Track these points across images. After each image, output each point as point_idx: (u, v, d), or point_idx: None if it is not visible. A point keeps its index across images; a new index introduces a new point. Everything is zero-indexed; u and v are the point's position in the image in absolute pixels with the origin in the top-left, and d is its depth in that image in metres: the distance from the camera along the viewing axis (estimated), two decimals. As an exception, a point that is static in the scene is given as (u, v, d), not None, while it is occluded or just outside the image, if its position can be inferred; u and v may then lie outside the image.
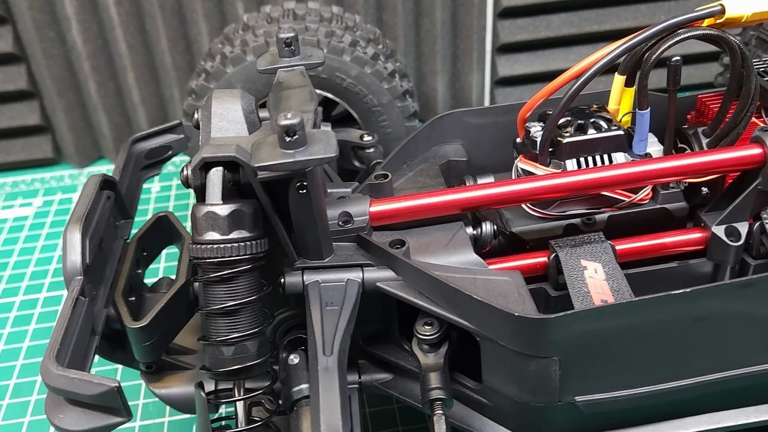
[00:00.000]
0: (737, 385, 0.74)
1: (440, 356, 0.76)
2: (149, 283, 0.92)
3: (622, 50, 0.83)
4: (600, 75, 0.84)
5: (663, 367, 0.72)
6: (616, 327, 0.68)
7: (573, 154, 0.89)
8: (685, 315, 0.68)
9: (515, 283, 0.77)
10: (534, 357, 0.69)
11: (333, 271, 0.77)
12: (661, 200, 0.91)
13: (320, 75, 1.11)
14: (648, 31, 0.83)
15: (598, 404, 0.72)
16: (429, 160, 0.98)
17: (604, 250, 0.85)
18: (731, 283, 0.68)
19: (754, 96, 0.87)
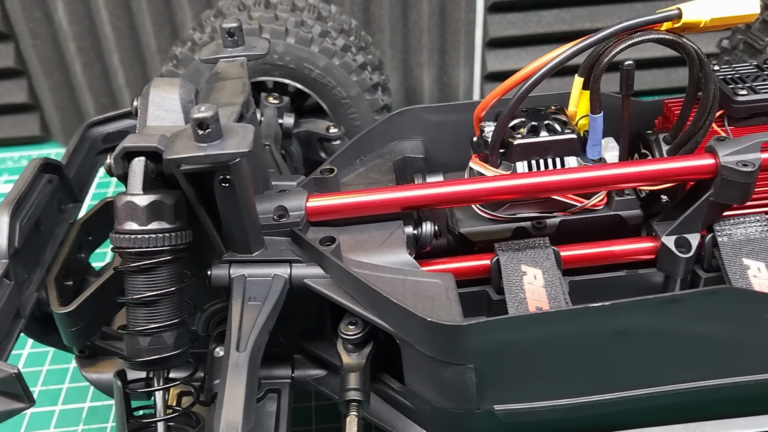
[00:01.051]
0: (663, 402, 0.72)
1: (363, 357, 0.75)
2: (99, 267, 0.93)
3: (572, 52, 0.81)
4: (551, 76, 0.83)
5: (585, 380, 0.70)
6: (534, 337, 0.67)
7: (524, 156, 0.87)
8: (606, 328, 0.67)
9: (445, 286, 0.75)
10: (449, 363, 0.68)
11: (260, 266, 0.76)
12: (615, 207, 0.89)
13: (288, 65, 1.10)
14: (602, 32, 0.81)
15: (517, 414, 0.71)
16: (384, 156, 0.97)
17: (547, 256, 0.83)
18: (653, 299, 0.66)
19: (713, 104, 0.84)
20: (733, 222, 0.85)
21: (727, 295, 0.66)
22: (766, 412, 0.74)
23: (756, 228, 0.84)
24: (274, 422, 0.80)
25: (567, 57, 0.81)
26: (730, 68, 0.94)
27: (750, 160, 0.79)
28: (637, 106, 1.00)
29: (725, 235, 0.84)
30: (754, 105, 0.88)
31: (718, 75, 0.93)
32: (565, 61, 0.81)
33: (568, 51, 0.81)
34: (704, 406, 0.73)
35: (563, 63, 0.82)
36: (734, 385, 0.71)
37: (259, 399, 0.82)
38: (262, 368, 0.84)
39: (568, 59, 0.81)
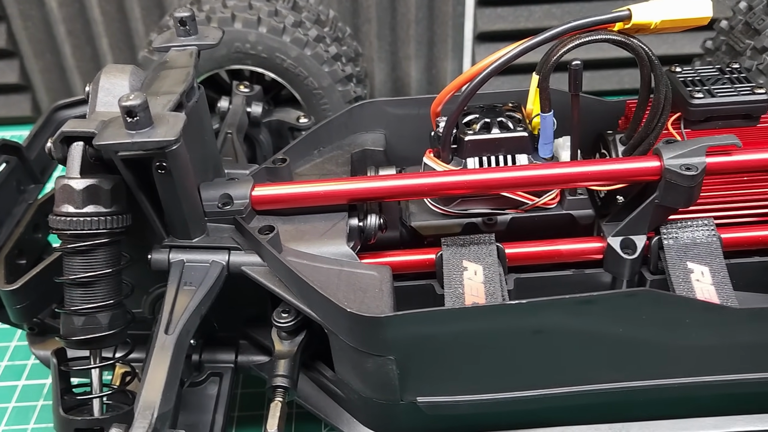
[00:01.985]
0: (587, 402, 0.73)
1: (294, 344, 0.76)
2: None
3: (520, 51, 0.81)
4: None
5: (506, 376, 0.71)
6: (452, 332, 0.68)
7: (475, 152, 0.88)
8: (523, 326, 0.67)
9: (380, 278, 0.76)
10: (370, 354, 0.69)
11: (199, 252, 0.77)
12: (567, 206, 0.90)
13: (260, 54, 1.11)
14: (551, 31, 0.81)
15: (440, 407, 0.72)
16: (343, 148, 0.97)
17: (489, 253, 0.84)
18: (570, 298, 0.66)
19: (665, 106, 0.84)
20: (680, 225, 0.85)
21: (646, 298, 0.66)
22: (690, 415, 0.74)
23: (702, 232, 0.84)
24: (214, 405, 0.82)
25: (514, 56, 0.81)
26: (692, 70, 0.93)
27: (694, 164, 0.79)
28: (601, 105, 1.00)
29: (671, 238, 0.84)
30: (710, 108, 0.87)
31: (678, 77, 0.92)
32: (511, 60, 0.82)
33: (515, 50, 0.81)
34: (629, 408, 0.74)
35: (510, 61, 0.82)
36: (658, 387, 0.71)
37: (201, 382, 0.84)
38: (207, 352, 0.86)
39: (515, 58, 0.81)
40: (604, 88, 1.54)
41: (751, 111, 0.88)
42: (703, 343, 0.69)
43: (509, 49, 0.82)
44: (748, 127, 0.89)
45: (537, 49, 0.82)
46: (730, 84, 0.90)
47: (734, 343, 0.69)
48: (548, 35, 0.81)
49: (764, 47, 1.14)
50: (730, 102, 0.87)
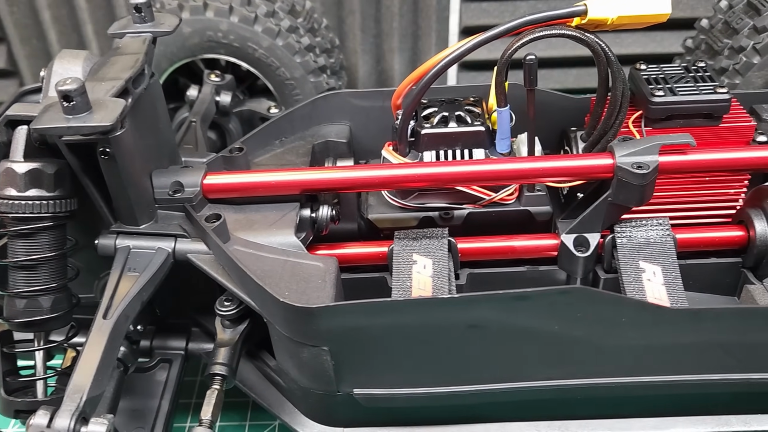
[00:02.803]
0: (525, 398, 0.72)
1: (237, 333, 0.76)
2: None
3: (473, 44, 0.81)
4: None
5: (442, 370, 0.71)
6: (386, 324, 0.67)
7: (431, 146, 0.87)
8: (457, 321, 0.67)
9: (325, 269, 0.76)
10: (305, 345, 0.69)
11: (146, 239, 0.78)
12: (524, 202, 0.89)
13: (232, 43, 1.11)
14: (504, 26, 0.80)
15: (377, 399, 0.72)
16: (306, 139, 0.97)
17: (441, 247, 0.83)
18: (503, 294, 0.66)
19: (623, 103, 0.83)
20: (634, 224, 0.84)
21: (580, 296, 0.65)
22: (631, 415, 0.74)
23: (656, 231, 0.83)
24: (161, 391, 0.83)
25: (467, 50, 0.81)
26: (657, 68, 0.93)
27: (646, 162, 0.79)
28: (568, 102, 1.00)
29: (625, 237, 0.83)
30: (670, 107, 0.86)
31: (642, 74, 0.91)
32: (465, 54, 0.81)
33: (468, 44, 0.81)
34: (568, 405, 0.73)
35: (463, 56, 0.81)
36: (595, 386, 0.71)
37: (150, 368, 0.85)
38: (158, 338, 0.87)
39: (469, 52, 0.81)
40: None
41: (712, 110, 0.87)
42: (639, 343, 0.68)
43: (462, 43, 0.81)
44: (710, 126, 0.88)
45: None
46: (693, 83, 0.89)
47: (671, 344, 0.68)
48: (503, 29, 0.80)
49: (741, 47, 1.12)
50: (691, 101, 0.87)
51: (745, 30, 1.13)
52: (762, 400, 0.72)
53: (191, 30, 1.10)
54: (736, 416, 0.73)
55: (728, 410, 0.73)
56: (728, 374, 0.70)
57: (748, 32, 1.12)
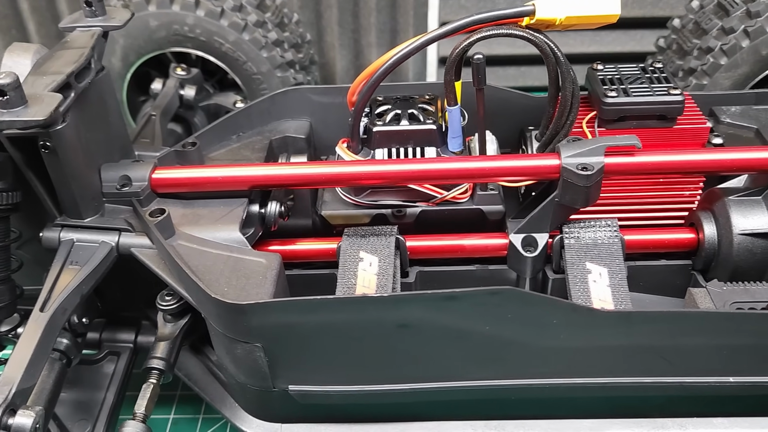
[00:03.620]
0: (461, 398, 0.72)
1: (177, 328, 0.77)
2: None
3: (421, 43, 0.81)
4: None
5: (375, 369, 0.71)
6: (318, 322, 0.68)
7: (383, 143, 0.87)
8: (387, 320, 0.67)
9: (267, 265, 0.76)
10: (238, 341, 0.69)
11: (90, 232, 0.78)
12: (477, 201, 0.89)
13: (199, 37, 1.11)
14: (451, 25, 0.80)
15: (311, 396, 0.72)
16: (264, 134, 0.98)
17: (388, 244, 0.83)
18: (432, 294, 0.66)
19: (573, 103, 0.83)
20: (582, 225, 0.84)
21: (509, 296, 0.65)
22: (567, 416, 0.74)
23: (605, 233, 0.83)
24: (107, 383, 0.83)
25: (415, 48, 0.81)
26: (614, 68, 0.92)
27: (591, 164, 0.78)
28: (528, 101, 0.99)
29: (573, 238, 0.83)
30: (623, 108, 0.86)
31: (598, 75, 0.91)
32: (413, 53, 0.81)
33: (416, 42, 0.81)
34: (504, 406, 0.73)
35: (411, 54, 0.82)
36: (530, 387, 0.71)
37: (98, 360, 0.85)
38: (108, 331, 0.87)
39: (416, 51, 0.81)
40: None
41: (665, 112, 0.87)
42: (571, 345, 0.68)
43: (410, 42, 0.81)
44: (664, 128, 0.88)
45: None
46: (648, 84, 0.88)
47: (603, 346, 0.68)
48: (450, 28, 0.80)
49: (709, 48, 1.12)
50: (644, 102, 0.86)
51: (713, 31, 1.12)
52: (698, 403, 0.72)
53: (158, 23, 1.10)
54: (672, 419, 0.73)
55: (664, 413, 0.73)
56: (662, 377, 0.70)
57: (717, 33, 1.11)
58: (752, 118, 0.94)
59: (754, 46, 1.08)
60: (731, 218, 0.82)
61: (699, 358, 0.69)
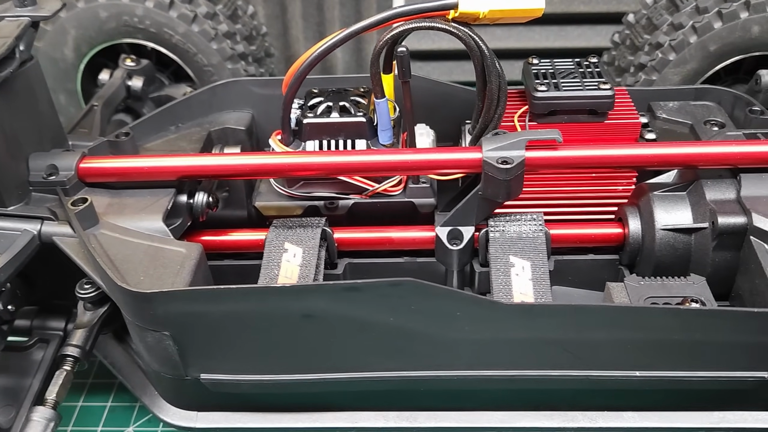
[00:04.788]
0: (368, 388, 0.73)
1: (95, 316, 0.77)
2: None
3: (343, 37, 0.82)
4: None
5: (284, 358, 0.71)
6: (224, 312, 0.68)
7: (314, 135, 0.88)
8: (291, 310, 0.67)
9: (187, 255, 0.77)
10: (147, 329, 0.70)
11: (12, 220, 0.79)
12: (408, 194, 0.89)
13: (149, 29, 1.12)
14: (374, 18, 0.81)
15: (223, 385, 0.73)
16: (203, 125, 0.98)
17: (313, 236, 0.84)
18: (334, 285, 0.67)
19: (501, 97, 0.83)
20: (508, 219, 0.84)
21: (410, 288, 0.66)
22: (478, 408, 0.74)
23: (530, 227, 0.83)
24: (35, 370, 0.84)
25: (337, 42, 0.82)
26: (549, 63, 0.92)
27: (511, 158, 0.78)
28: (468, 94, 0.99)
29: (498, 231, 0.83)
30: (553, 102, 0.86)
31: (532, 69, 0.91)
32: (335, 46, 0.82)
33: (338, 36, 0.81)
34: (415, 397, 0.74)
35: (334, 48, 0.82)
36: (437, 378, 0.71)
37: (27, 347, 0.86)
38: (39, 318, 0.88)
39: (339, 44, 0.82)
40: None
41: (595, 107, 0.87)
42: (477, 337, 0.69)
43: (334, 35, 0.82)
44: (595, 123, 0.88)
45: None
46: (580, 78, 0.88)
47: (509, 339, 0.69)
48: (372, 21, 0.81)
49: (659, 43, 1.11)
50: (573, 96, 0.86)
51: (664, 26, 1.12)
52: (607, 397, 0.72)
53: (108, 14, 1.11)
54: (583, 413, 0.73)
55: (575, 407, 0.73)
56: (568, 371, 0.70)
57: (667, 29, 1.11)
58: (688, 114, 0.94)
59: (701, 42, 1.08)
60: (654, 213, 0.82)
61: (603, 352, 0.69)
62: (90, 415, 0.95)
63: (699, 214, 0.80)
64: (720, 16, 1.07)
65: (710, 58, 1.09)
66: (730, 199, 0.79)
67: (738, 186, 0.79)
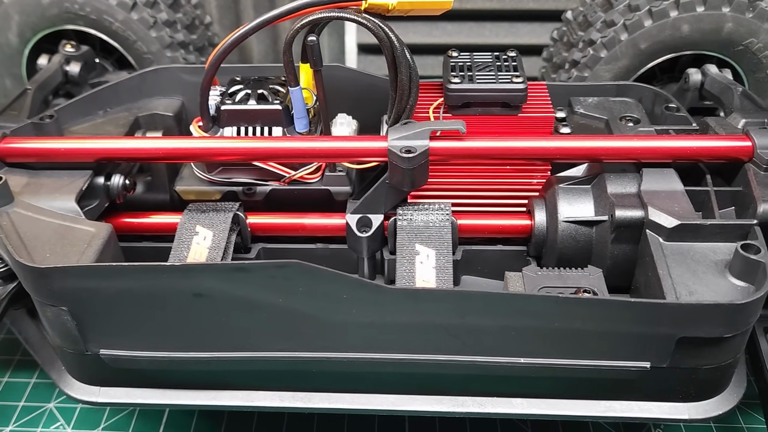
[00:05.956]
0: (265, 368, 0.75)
1: (5, 291, 0.79)
2: None
3: (253, 26, 0.83)
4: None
5: (179, 336, 0.73)
6: (119, 288, 0.70)
7: (231, 122, 0.90)
8: (182, 288, 0.69)
9: (95, 234, 0.78)
10: (45, 304, 0.72)
11: (-74, 197, 0.81)
12: (325, 182, 0.91)
13: (89, 15, 1.13)
14: (282, 8, 0.82)
15: (121, 360, 0.74)
16: (132, 110, 1.00)
17: (225, 220, 0.86)
18: (222, 265, 0.68)
19: (412, 88, 0.85)
20: (416, 207, 0.86)
21: (296, 270, 0.67)
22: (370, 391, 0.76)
23: (437, 216, 0.85)
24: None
25: (247, 32, 0.83)
26: (468, 56, 0.94)
27: (414, 147, 0.80)
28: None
29: (405, 220, 0.85)
30: (465, 94, 0.88)
31: (451, 62, 0.93)
32: (246, 36, 0.84)
33: (250, 25, 0.83)
34: (309, 378, 0.75)
35: (245, 37, 0.84)
36: (329, 360, 0.73)
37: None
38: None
39: (248, 34, 0.83)
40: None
41: (508, 99, 0.88)
42: (366, 320, 0.70)
43: (245, 25, 0.83)
44: (509, 116, 0.90)
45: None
46: (496, 72, 0.90)
47: (397, 323, 0.70)
48: (283, 10, 0.82)
49: (591, 40, 1.13)
50: (486, 89, 0.88)
51: (597, 23, 1.13)
52: (495, 383, 0.74)
53: (49, 1, 1.13)
54: (473, 398, 0.75)
55: (465, 392, 0.75)
56: (456, 356, 0.72)
57: (600, 26, 1.13)
58: (606, 110, 0.96)
59: (632, 40, 1.10)
60: (558, 206, 0.83)
61: (488, 339, 0.70)
62: (13, 391, 0.98)
63: (600, 207, 0.82)
64: (650, 15, 1.08)
65: (642, 55, 1.11)
66: (631, 193, 0.81)
67: (640, 180, 0.81)
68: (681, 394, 0.72)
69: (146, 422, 0.94)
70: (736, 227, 0.73)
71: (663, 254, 0.74)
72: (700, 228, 0.74)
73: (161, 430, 0.93)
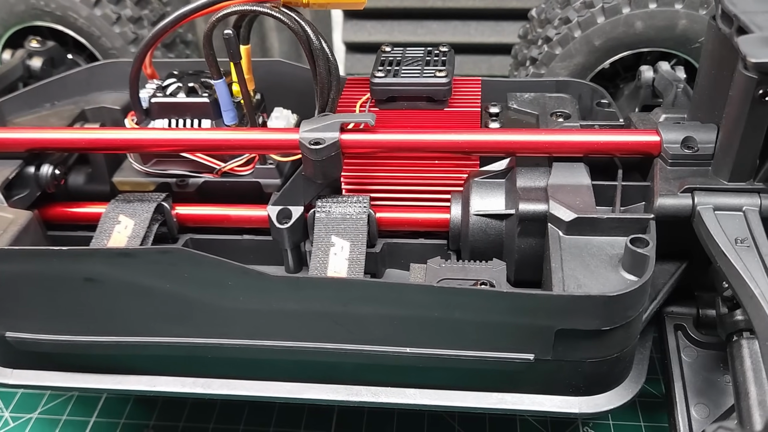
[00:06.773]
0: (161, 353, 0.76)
1: None
2: None
3: (171, 21, 0.85)
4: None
5: (78, 319, 0.75)
6: (13, 272, 0.72)
7: (161, 114, 0.92)
8: (74, 273, 0.71)
9: (13, 221, 0.81)
10: (-51, 286, 0.75)
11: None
12: (255, 174, 0.92)
13: (55, 12, 1.17)
14: (198, 2, 0.84)
15: (25, 343, 0.77)
16: (79, 104, 1.03)
17: (147, 210, 0.87)
18: (108, 250, 0.70)
19: (332, 81, 0.86)
20: (335, 200, 0.86)
21: (180, 256, 0.69)
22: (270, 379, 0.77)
23: (355, 209, 0.85)
24: None
25: (168, 24, 0.85)
26: (400, 51, 0.94)
27: (323, 139, 0.81)
28: (336, 81, 1.02)
29: (324, 212, 0.85)
30: (389, 88, 0.89)
31: (382, 56, 0.93)
32: (166, 29, 0.85)
33: (169, 19, 0.85)
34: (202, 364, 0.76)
35: (166, 31, 0.85)
36: (221, 346, 0.74)
37: None
38: None
39: (168, 27, 0.85)
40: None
41: (431, 94, 0.89)
42: (252, 307, 0.71)
43: (166, 20, 0.85)
44: (433, 110, 0.90)
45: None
46: (422, 66, 0.90)
47: (283, 310, 0.71)
48: (199, 4, 0.84)
49: (548, 37, 1.12)
50: (409, 83, 0.89)
51: (555, 21, 1.12)
52: (387, 372, 0.74)
53: (16, -3, 1.17)
54: (367, 387, 0.75)
55: (359, 381, 0.75)
56: (343, 344, 0.72)
57: (557, 23, 1.12)
58: (539, 105, 0.95)
59: (585, 36, 1.08)
60: (471, 199, 0.83)
61: (373, 327, 0.70)
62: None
63: (510, 201, 0.81)
64: (603, 11, 1.07)
65: (597, 52, 1.09)
66: (539, 187, 0.80)
67: (549, 174, 0.80)
68: (571, 388, 0.71)
69: (81, 408, 0.96)
70: (633, 221, 0.72)
71: (560, 247, 0.73)
72: (597, 222, 0.72)
73: (95, 414, 0.96)
